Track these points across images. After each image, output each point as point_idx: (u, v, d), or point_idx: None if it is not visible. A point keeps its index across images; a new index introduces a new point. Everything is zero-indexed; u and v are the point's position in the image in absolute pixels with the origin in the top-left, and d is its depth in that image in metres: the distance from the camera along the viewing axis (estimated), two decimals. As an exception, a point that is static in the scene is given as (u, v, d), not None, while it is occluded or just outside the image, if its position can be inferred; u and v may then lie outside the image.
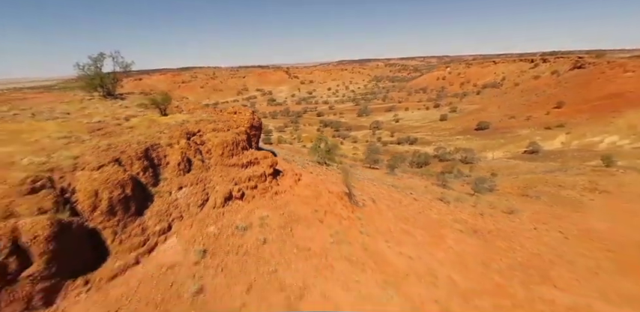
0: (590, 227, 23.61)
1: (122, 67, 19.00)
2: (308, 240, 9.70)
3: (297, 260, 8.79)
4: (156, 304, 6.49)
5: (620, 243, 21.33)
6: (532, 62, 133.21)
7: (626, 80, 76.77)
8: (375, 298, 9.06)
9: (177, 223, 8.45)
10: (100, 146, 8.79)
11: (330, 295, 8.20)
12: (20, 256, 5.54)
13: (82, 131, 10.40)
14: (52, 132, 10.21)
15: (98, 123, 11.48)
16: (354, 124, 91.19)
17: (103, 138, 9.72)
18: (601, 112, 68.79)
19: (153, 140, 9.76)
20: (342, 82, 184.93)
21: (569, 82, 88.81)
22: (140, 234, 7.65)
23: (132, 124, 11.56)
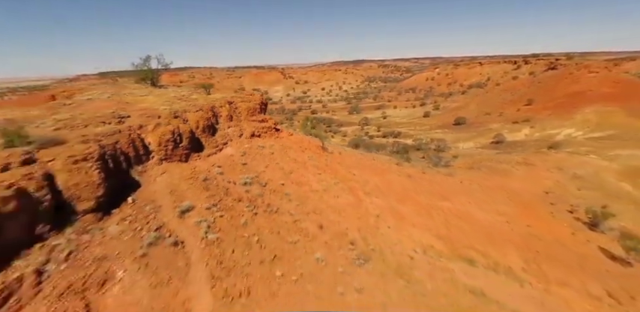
0: (505, 184, 33.22)
1: (163, 66, 28.64)
2: (295, 156, 18.97)
3: (289, 162, 18.05)
4: (225, 166, 15.66)
5: (519, 192, 31.07)
6: (515, 64, 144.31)
7: (589, 80, 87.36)
8: (328, 184, 18.28)
9: (229, 142, 17.63)
10: (190, 104, 17.97)
11: (305, 175, 17.45)
12: (183, 139, 14.70)
13: (172, 100, 19.57)
14: (154, 101, 19.39)
15: (176, 97, 20.67)
16: (345, 121, 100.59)
17: (187, 102, 18.86)
18: (563, 108, 79.10)
19: (212, 104, 18.96)
20: (335, 82, 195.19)
21: (541, 82, 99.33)
22: (215, 143, 16.83)
23: (195, 97, 20.76)
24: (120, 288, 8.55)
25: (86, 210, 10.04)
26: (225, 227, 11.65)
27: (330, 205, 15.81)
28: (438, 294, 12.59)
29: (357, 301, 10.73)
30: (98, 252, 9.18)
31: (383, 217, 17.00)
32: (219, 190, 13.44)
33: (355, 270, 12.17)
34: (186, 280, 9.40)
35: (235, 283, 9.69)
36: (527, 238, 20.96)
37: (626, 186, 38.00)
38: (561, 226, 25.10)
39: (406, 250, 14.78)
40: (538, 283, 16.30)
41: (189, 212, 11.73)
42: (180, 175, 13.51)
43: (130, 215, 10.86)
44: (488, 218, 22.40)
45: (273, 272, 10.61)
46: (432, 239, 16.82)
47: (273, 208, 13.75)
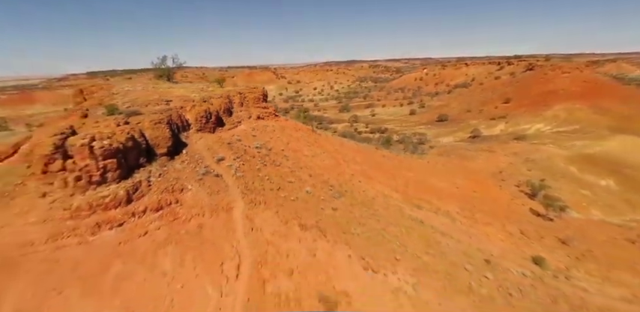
0: (466, 165, 40.20)
1: (177, 65, 35.14)
2: (291, 133, 25.50)
3: (287, 136, 24.58)
4: (241, 136, 22.09)
5: (476, 170, 38.03)
6: (498, 65, 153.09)
7: (562, 80, 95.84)
8: (316, 152, 24.78)
9: (242, 121, 24.04)
10: (211, 93, 24.36)
11: (299, 146, 23.99)
12: (211, 117, 21.10)
13: (196, 91, 25.92)
14: (184, 91, 25.74)
15: (197, 88, 27.02)
16: (335, 119, 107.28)
17: (207, 92, 25.22)
18: (537, 105, 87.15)
19: (227, 93, 25.36)
20: (327, 82, 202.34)
21: (519, 81, 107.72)
22: (232, 121, 23.27)
23: (211, 89, 27.14)
24: (191, 193, 14.94)
25: (162, 153, 16.40)
26: (246, 170, 18.11)
27: (316, 164, 22.35)
28: (389, 217, 19.25)
29: (331, 215, 17.29)
30: (174, 175, 15.56)
31: (356, 175, 23.60)
32: (239, 150, 19.89)
33: (332, 199, 18.74)
34: (227, 193, 15.83)
35: (256, 197, 16.16)
36: (469, 198, 27.82)
37: (573, 168, 45.44)
38: (503, 194, 32.10)
39: (370, 194, 21.42)
40: (467, 222, 23.10)
41: (222, 160, 18.16)
42: (212, 140, 19.92)
43: (186, 160, 17.24)
44: (442, 184, 29.21)
45: (279, 194, 17.12)
46: (391, 192, 23.49)
47: (277, 162, 20.23)
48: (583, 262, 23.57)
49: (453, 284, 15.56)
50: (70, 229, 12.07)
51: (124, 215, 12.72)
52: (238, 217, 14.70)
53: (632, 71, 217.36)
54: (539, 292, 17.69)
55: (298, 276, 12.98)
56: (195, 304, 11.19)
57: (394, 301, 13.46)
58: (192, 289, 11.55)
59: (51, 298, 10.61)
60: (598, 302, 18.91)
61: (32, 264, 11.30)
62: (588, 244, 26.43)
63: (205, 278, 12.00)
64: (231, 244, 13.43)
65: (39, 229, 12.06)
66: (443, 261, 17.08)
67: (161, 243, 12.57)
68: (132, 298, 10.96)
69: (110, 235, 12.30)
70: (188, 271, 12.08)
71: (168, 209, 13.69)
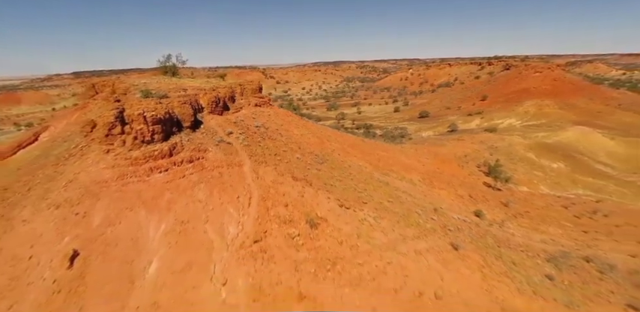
0: (435, 150, 46.63)
1: (181, 63, 40.45)
2: (283, 118, 31.39)
3: (280, 120, 30.47)
4: (244, 118, 27.88)
5: (443, 154, 44.43)
6: (480, 65, 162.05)
7: (534, 79, 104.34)
8: (304, 132, 30.66)
9: (243, 107, 29.77)
10: (217, 85, 30.06)
11: (290, 127, 29.91)
12: (220, 102, 26.82)
13: (204, 83, 31.54)
14: (194, 83, 31.37)
15: (204, 81, 32.64)
16: (323, 116, 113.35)
17: (214, 84, 30.87)
18: (510, 102, 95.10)
19: (230, 84, 31.08)
20: (315, 82, 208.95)
21: (497, 80, 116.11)
22: (235, 107, 29.00)
23: (216, 82, 32.77)
24: (212, 153, 20.65)
25: (187, 126, 22.03)
26: (250, 141, 23.90)
27: (304, 141, 28.26)
28: (361, 178, 25.31)
29: (316, 173, 23.19)
30: (198, 141, 21.23)
31: (336, 151, 29.60)
32: (243, 127, 25.65)
33: (316, 164, 24.68)
34: (237, 155, 21.57)
35: (259, 158, 21.97)
36: (431, 172, 34.15)
37: (530, 154, 52.54)
38: (462, 171, 38.61)
39: (347, 163, 27.44)
40: (425, 187, 29.34)
41: (231, 134, 23.91)
42: (221, 120, 25.63)
43: (204, 132, 22.93)
44: (409, 162, 35.50)
45: (275, 158, 22.96)
46: (365, 163, 29.57)
47: (273, 137, 26.06)
48: (518, 218, 30.09)
49: (405, 220, 21.65)
50: (132, 172, 17.64)
51: (168, 164, 18.36)
52: (247, 169, 20.47)
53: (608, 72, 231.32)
54: (473, 231, 23.96)
55: (291, 207, 18.82)
56: (223, 219, 16.92)
57: (359, 225, 19.43)
58: (220, 211, 17.28)
59: (126, 213, 16.21)
60: (519, 241, 25.32)
61: (109, 193, 16.86)
62: (527, 207, 33.08)
63: (228, 205, 17.74)
64: (243, 185, 19.19)
65: (110, 172, 17.60)
66: (400, 207, 23.19)
67: (195, 182, 18.25)
68: (180, 215, 16.63)
69: (160, 177, 17.92)
70: (215, 200, 17.79)
71: (198, 162, 19.37)
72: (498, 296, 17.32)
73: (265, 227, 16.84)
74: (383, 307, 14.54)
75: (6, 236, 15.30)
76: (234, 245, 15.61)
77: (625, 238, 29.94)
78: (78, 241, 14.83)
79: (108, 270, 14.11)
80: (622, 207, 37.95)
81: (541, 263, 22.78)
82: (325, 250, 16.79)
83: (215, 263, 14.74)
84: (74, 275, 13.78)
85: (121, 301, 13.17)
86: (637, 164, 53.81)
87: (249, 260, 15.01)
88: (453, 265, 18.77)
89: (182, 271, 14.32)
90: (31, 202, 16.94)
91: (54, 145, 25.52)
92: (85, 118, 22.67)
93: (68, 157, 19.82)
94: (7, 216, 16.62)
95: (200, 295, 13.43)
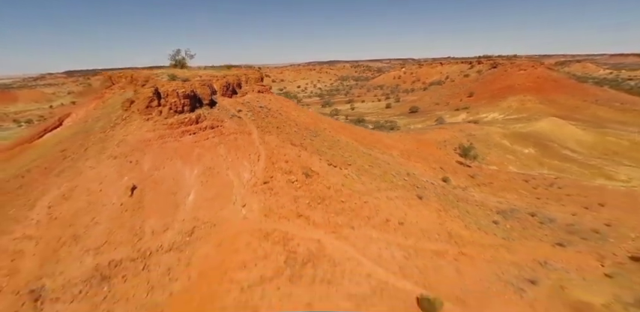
0: (417, 137, 52.78)
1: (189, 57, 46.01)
2: (282, 103, 37.29)
3: (279, 104, 36.37)
4: (250, 101, 33.71)
5: (424, 139, 50.58)
6: (470, 64, 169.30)
7: (518, 76, 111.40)
8: (300, 114, 36.53)
9: (248, 93, 35.59)
10: (227, 73, 35.88)
11: (288, 110, 35.80)
12: (230, 87, 32.62)
13: (214, 72, 37.31)
14: (206, 72, 37.12)
15: (215, 71, 38.43)
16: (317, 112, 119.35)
17: (224, 73, 36.65)
18: (495, 98, 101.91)
19: (237, 73, 36.91)
20: (310, 80, 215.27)
21: (484, 78, 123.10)
22: (241, 92, 34.80)
23: (224, 71, 38.56)
24: (227, 123, 26.44)
25: (206, 103, 27.78)
26: (256, 117, 29.73)
27: (300, 120, 34.13)
28: (347, 149, 31.24)
29: (310, 142, 29.05)
30: (216, 114, 27.01)
31: (327, 129, 35.50)
32: (250, 107, 31.47)
33: (311, 136, 30.57)
34: (247, 126, 27.40)
35: (264, 129, 27.82)
36: (410, 150, 40.21)
37: (505, 141, 58.93)
38: (439, 151, 44.72)
39: (336, 138, 33.34)
40: (403, 159, 35.35)
41: (241, 111, 29.72)
42: (231, 101, 31.42)
43: (219, 108, 28.69)
44: (392, 142, 41.52)
45: (277, 130, 28.82)
46: (351, 140, 35.50)
47: (274, 116, 31.89)
48: (481, 186, 36.20)
49: (381, 178, 27.59)
50: (168, 134, 23.35)
51: (195, 129, 24.11)
52: (255, 136, 26.28)
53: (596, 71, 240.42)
54: (438, 190, 29.96)
55: (290, 162, 24.64)
56: (239, 168, 22.70)
57: (343, 178, 25.31)
58: (237, 163, 23.06)
59: (167, 162, 21.92)
60: (477, 199, 31.39)
61: (152, 149, 22.55)
62: (491, 179, 39.23)
63: (242, 159, 23.53)
64: (253, 147, 24.99)
65: (151, 134, 23.29)
66: (378, 170, 29.14)
67: (217, 143, 24.01)
68: (207, 164, 22.37)
69: (190, 138, 23.66)
70: (233, 155, 23.56)
71: (217, 129, 25.14)
72: (448, 227, 23.29)
73: (271, 174, 22.65)
74: (359, 226, 20.39)
75: (78, 177, 20.91)
76: (248, 184, 21.42)
77: (572, 204, 36.17)
78: (134, 179, 20.51)
79: (158, 198, 19.81)
80: (577, 183, 44.29)
81: (491, 214, 28.85)
82: (317, 191, 22.63)
83: (235, 195, 20.53)
84: (135, 201, 19.46)
85: (170, 216, 18.88)
86: (602, 151, 60.45)
87: (261, 193, 20.81)
88: (415, 207, 24.72)
89: (212, 199, 20.07)
90: (92, 155, 22.55)
91: (88, 123, 31.10)
92: (121, 98, 28.38)
93: (114, 126, 25.43)
94: (74, 166, 22.22)
95: (226, 213, 19.20)
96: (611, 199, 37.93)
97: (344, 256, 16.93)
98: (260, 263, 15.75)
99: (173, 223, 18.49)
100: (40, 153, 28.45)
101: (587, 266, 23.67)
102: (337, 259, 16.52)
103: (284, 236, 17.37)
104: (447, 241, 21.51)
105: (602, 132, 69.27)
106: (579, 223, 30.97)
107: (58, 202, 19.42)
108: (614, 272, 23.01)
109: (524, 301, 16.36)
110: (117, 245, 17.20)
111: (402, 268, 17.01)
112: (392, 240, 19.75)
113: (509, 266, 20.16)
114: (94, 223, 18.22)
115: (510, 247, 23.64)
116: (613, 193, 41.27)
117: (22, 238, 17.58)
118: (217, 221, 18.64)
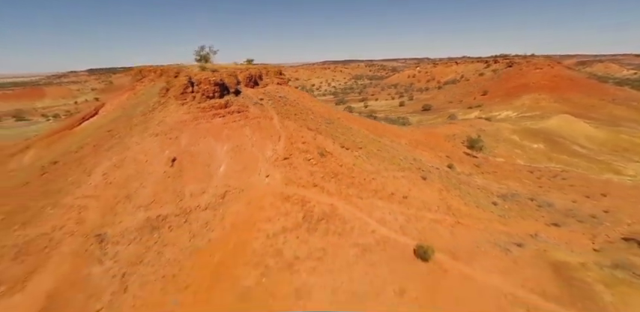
0: (430, 130, 55.31)
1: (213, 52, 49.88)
2: (299, 94, 40.66)
3: (297, 94, 39.78)
4: (270, 91, 37.21)
5: (434, 133, 53.13)
6: (486, 63, 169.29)
7: (534, 75, 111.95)
8: (316, 105, 39.78)
9: (268, 84, 39.09)
10: (249, 67, 39.48)
11: (304, 100, 39.15)
12: (253, 78, 36.19)
13: (238, 66, 40.96)
14: (231, 65, 40.82)
15: (238, 64, 42.13)
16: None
17: (247, 66, 40.26)
18: (509, 96, 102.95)
19: (258, 67, 40.46)
20: (324, 79, 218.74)
21: (499, 77, 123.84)
22: (263, 83, 38.36)
23: (244, 64, 42.19)
24: (252, 109, 29.94)
25: (232, 92, 31.36)
26: (276, 105, 33.14)
27: (316, 109, 37.40)
28: (358, 134, 34.33)
29: (324, 128, 32.26)
30: (241, 101, 30.55)
31: (341, 118, 38.63)
32: (270, 96, 34.91)
33: (325, 123, 33.78)
34: (269, 112, 30.83)
35: (284, 115, 31.19)
36: (419, 140, 42.93)
37: (515, 137, 60.74)
38: (447, 143, 47.23)
39: (349, 126, 36.46)
40: (411, 147, 38.16)
41: (262, 99, 33.20)
42: (254, 91, 34.93)
43: (244, 97, 32.23)
44: (401, 133, 44.32)
45: (295, 116, 32.16)
46: (363, 129, 38.53)
47: (292, 104, 35.24)
48: (485, 174, 38.66)
49: (389, 161, 30.55)
50: (201, 116, 26.94)
51: (224, 112, 27.65)
52: (276, 121, 29.65)
53: (619, 71, 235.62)
54: (442, 174, 32.67)
55: (307, 144, 27.88)
56: (263, 146, 26.09)
57: (354, 159, 28.39)
58: (261, 142, 26.46)
59: (201, 140, 25.49)
60: (480, 184, 33.93)
61: (188, 129, 26.17)
62: (496, 169, 41.58)
63: (265, 139, 26.92)
64: (274, 130, 28.35)
65: (187, 116, 26.92)
66: (386, 154, 32.11)
67: (243, 125, 27.49)
68: (235, 142, 25.83)
69: (219, 120, 27.19)
70: (257, 136, 26.97)
71: (243, 113, 28.63)
72: (448, 203, 26.11)
73: (290, 152, 25.95)
74: (367, 197, 23.44)
75: (127, 151, 24.69)
76: (271, 159, 24.78)
77: (573, 193, 38.23)
78: (174, 153, 24.14)
79: (195, 168, 23.37)
80: (583, 176, 46.07)
81: (491, 196, 31.43)
82: (330, 168, 25.81)
83: (260, 167, 23.91)
84: (175, 170, 23.07)
85: (206, 182, 22.39)
86: (612, 147, 61.55)
87: (281, 167, 24.13)
88: (419, 186, 27.61)
89: (240, 170, 23.50)
90: (137, 134, 26.33)
91: (128, 109, 35.10)
92: (153, 89, 32.34)
93: (152, 110, 29.22)
94: (121, 142, 26.04)
95: (253, 181, 22.59)
96: (614, 191, 39.76)
97: (353, 216, 20.02)
98: (282, 218, 19.02)
99: (208, 188, 21.99)
100: (86, 134, 32.59)
101: (577, 242, 26.11)
102: (347, 218, 19.63)
103: (302, 199, 20.59)
104: (446, 212, 24.35)
105: (615, 130, 70.05)
106: (578, 209, 33.17)
107: (111, 170, 23.21)
108: (602, 248, 25.41)
109: (509, 258, 19.08)
110: (162, 204, 20.79)
111: (403, 228, 19.99)
112: (395, 209, 22.74)
113: (501, 234, 22.86)
114: (142, 186, 21.88)
115: (505, 222, 26.28)
116: (618, 185, 42.97)
117: (84, 197, 21.38)
118: (245, 187, 22.03)
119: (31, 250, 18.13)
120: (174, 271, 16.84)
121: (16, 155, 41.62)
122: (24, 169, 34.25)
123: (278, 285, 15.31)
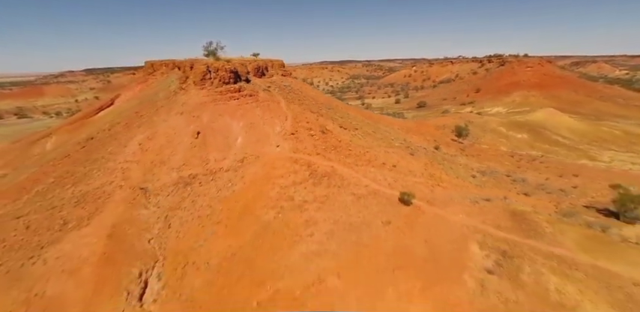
0: (419, 121, 60.32)
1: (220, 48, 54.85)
2: (302, 85, 45.53)
3: (299, 85, 44.65)
4: (276, 80, 42.02)
5: (425, 123, 58.11)
6: (480, 62, 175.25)
7: (525, 73, 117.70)
8: (317, 94, 44.58)
9: (273, 75, 43.92)
10: (257, 59, 44.31)
11: (306, 90, 44.00)
12: (260, 70, 40.99)
13: (246, 58, 45.77)
14: (239, 58, 45.65)
15: (244, 57, 46.97)
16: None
17: (254, 58, 45.08)
18: (500, 93, 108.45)
19: (264, 60, 45.30)
20: (322, 78, 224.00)
21: (492, 75, 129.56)
22: (269, 74, 43.20)
23: (255, 58, 47.03)
24: (261, 94, 34.72)
25: (243, 79, 36.18)
26: (282, 92, 37.98)
27: (317, 98, 42.22)
28: (356, 119, 39.20)
29: (325, 112, 37.12)
30: (252, 87, 35.32)
31: (339, 106, 43.47)
32: (276, 85, 39.74)
33: (325, 108, 38.61)
34: (276, 97, 35.65)
35: (289, 100, 36.04)
36: (410, 127, 47.84)
37: (501, 128, 65.83)
38: (436, 131, 52.18)
39: (347, 112, 41.29)
40: (402, 132, 43.03)
41: (270, 87, 38.04)
42: (262, 80, 39.75)
43: (253, 84, 37.00)
44: (395, 121, 49.23)
45: (299, 101, 37.01)
46: (359, 115, 43.36)
47: (296, 92, 40.04)
48: (468, 156, 43.56)
49: (381, 140, 35.37)
50: (219, 99, 31.66)
51: (238, 96, 32.39)
52: (283, 104, 34.42)
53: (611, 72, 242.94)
54: (429, 153, 37.49)
55: (310, 123, 32.64)
56: (273, 123, 30.83)
57: (351, 136, 33.17)
58: (271, 121, 31.20)
59: (219, 118, 30.21)
60: (462, 162, 38.76)
61: (207, 109, 30.85)
62: (480, 153, 46.49)
63: (274, 119, 31.66)
64: (282, 111, 33.11)
65: (206, 99, 31.62)
66: (380, 135, 36.95)
67: (254, 107, 32.23)
68: (249, 120, 30.55)
69: (234, 102, 31.92)
70: (267, 116, 31.72)
71: (254, 97, 33.38)
72: (431, 172, 30.93)
73: (296, 128, 30.72)
74: (362, 164, 28.18)
75: (157, 127, 29.34)
76: (280, 134, 29.53)
77: (548, 173, 43.16)
78: (198, 127, 28.82)
79: (216, 140, 28.05)
80: (560, 160, 51.11)
81: (471, 172, 36.29)
82: (330, 142, 30.57)
83: (271, 140, 28.65)
84: (200, 141, 27.74)
85: (226, 151, 27.08)
86: (592, 138, 66.78)
87: (289, 140, 28.88)
88: (407, 159, 32.44)
89: (255, 142, 28.22)
90: (163, 113, 31.01)
91: (148, 95, 39.69)
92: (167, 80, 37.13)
93: (175, 94, 33.90)
94: (150, 120, 30.69)
95: (266, 149, 27.32)
96: (586, 172, 44.74)
97: (350, 175, 24.74)
98: (292, 175, 23.72)
99: (228, 155, 26.70)
100: (113, 117, 37.17)
101: (542, 206, 30.94)
102: (345, 176, 24.33)
103: (308, 162, 25.28)
104: (429, 178, 29.18)
105: (597, 123, 75.44)
106: (549, 184, 38.07)
107: (145, 141, 27.88)
108: (563, 210, 30.24)
109: (476, 207, 23.83)
110: (192, 167, 25.46)
111: (391, 184, 24.76)
112: (386, 173, 27.52)
113: (473, 194, 27.66)
114: (173, 154, 26.55)
115: (480, 189, 31.11)
116: (591, 168, 47.97)
117: (126, 162, 26.04)
118: (260, 154, 26.75)
119: (89, 199, 22.73)
120: (207, 212, 21.48)
121: (37, 142, 46.26)
122: (48, 153, 38.71)
123: (291, 218, 19.98)
